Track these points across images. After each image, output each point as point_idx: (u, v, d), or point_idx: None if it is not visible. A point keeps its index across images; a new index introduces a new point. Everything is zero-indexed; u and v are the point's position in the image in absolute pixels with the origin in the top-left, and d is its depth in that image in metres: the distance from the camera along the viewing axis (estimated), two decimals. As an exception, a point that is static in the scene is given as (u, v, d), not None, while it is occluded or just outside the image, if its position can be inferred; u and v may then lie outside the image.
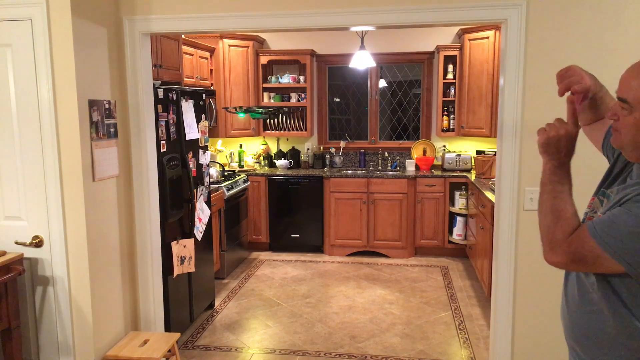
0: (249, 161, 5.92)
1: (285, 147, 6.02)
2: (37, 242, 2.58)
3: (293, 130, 5.83)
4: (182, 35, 4.21)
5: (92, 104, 2.59)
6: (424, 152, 5.73)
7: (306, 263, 5.27)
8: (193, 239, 3.52)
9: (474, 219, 4.72)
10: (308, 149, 5.94)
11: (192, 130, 3.56)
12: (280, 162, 5.77)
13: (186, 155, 3.47)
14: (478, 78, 5.13)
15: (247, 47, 5.54)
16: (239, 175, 5.30)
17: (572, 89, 1.38)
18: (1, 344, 2.46)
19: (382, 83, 5.92)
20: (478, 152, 5.41)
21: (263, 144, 5.98)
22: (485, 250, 3.98)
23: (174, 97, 3.33)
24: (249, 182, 5.43)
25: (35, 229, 2.59)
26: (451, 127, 5.57)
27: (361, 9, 2.63)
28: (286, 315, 3.96)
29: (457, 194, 5.28)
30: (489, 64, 5.00)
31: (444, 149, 5.73)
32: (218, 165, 5.31)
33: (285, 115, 5.80)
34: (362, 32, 5.22)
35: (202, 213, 3.75)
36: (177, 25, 2.81)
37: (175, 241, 3.32)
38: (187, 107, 3.49)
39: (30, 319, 2.67)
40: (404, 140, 5.95)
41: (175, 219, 3.35)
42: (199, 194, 3.69)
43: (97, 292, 2.68)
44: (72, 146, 2.50)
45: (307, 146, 5.96)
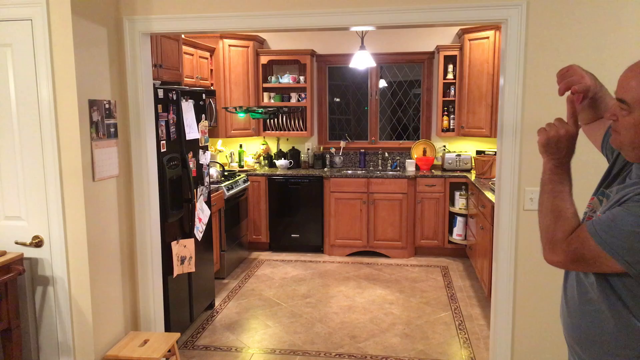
0: (249, 161, 5.92)
1: (285, 147, 6.02)
2: (37, 242, 2.58)
3: (293, 130, 5.83)
4: (182, 35, 4.21)
5: (92, 104, 2.59)
6: (424, 152, 5.73)
7: (306, 263, 5.27)
8: (193, 239, 3.52)
9: (474, 219, 4.72)
10: (308, 149, 5.94)
11: (192, 130, 3.57)
12: (280, 162, 5.77)
13: (186, 155, 3.47)
14: (478, 78, 5.13)
15: (247, 47, 5.54)
16: (239, 175, 5.30)
17: (572, 89, 1.38)
18: (1, 344, 2.46)
19: (382, 83, 5.91)
20: (478, 152, 5.41)
21: (263, 144, 5.98)
22: (485, 250, 3.98)
23: (174, 97, 3.33)
24: (249, 182, 5.43)
25: (35, 229, 2.59)
26: (451, 127, 5.57)
27: (361, 9, 2.62)
28: (286, 315, 3.96)
29: (457, 194, 5.28)
30: (489, 64, 5.00)
31: (444, 149, 5.73)
32: (218, 165, 5.31)
33: (285, 115, 5.80)
34: (362, 32, 5.22)
35: (202, 213, 3.75)
36: (177, 25, 2.81)
37: (175, 241, 3.32)
38: (187, 107, 3.49)
39: (30, 319, 2.67)
40: (404, 140, 5.95)
41: (175, 219, 3.35)
42: (199, 194, 3.69)
43: (97, 292, 2.68)
44: (72, 146, 2.50)
45: (307, 146, 5.96)
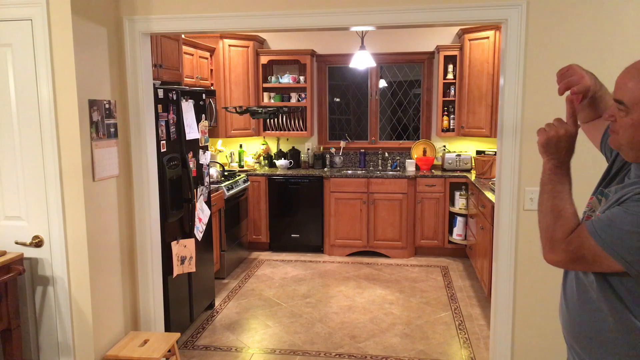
0: (249, 161, 5.92)
1: (285, 147, 6.02)
2: (37, 242, 2.58)
3: (293, 130, 5.83)
4: (182, 35, 4.21)
5: (92, 104, 2.59)
6: (424, 152, 5.73)
7: (306, 263, 5.27)
8: (193, 239, 3.52)
9: (474, 219, 4.72)
10: (308, 149, 5.94)
11: (192, 130, 3.57)
12: (280, 162, 5.77)
13: (186, 155, 3.47)
14: (478, 78, 5.13)
15: (247, 47, 5.54)
16: (239, 175, 5.30)
17: (571, 90, 1.38)
18: (1, 344, 2.46)
19: (382, 83, 5.91)
20: (478, 152, 5.41)
21: (263, 144, 5.98)
22: (485, 250, 3.98)
23: (174, 97, 3.34)
24: (249, 182, 5.43)
25: (35, 229, 2.59)
26: (451, 127, 5.57)
27: (361, 9, 2.62)
28: (286, 315, 3.96)
29: (457, 194, 5.28)
30: (489, 64, 5.00)
31: (444, 149, 5.73)
32: (218, 165, 5.31)
33: (285, 115, 5.80)
34: (362, 32, 5.22)
35: (202, 213, 3.75)
36: (177, 25, 2.81)
37: (176, 241, 3.32)
38: (187, 107, 3.49)
39: (30, 319, 2.67)
40: (404, 140, 5.95)
41: (175, 219, 3.35)
42: (199, 194, 3.69)
43: (97, 292, 2.68)
44: (72, 146, 2.50)
45: (307, 146, 5.96)
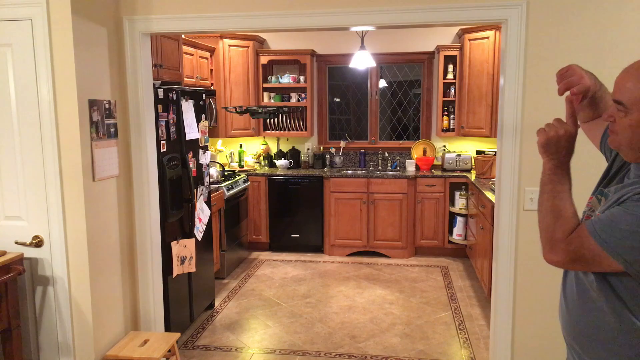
0: (249, 161, 5.92)
1: (285, 147, 6.02)
2: (37, 242, 2.58)
3: (293, 130, 5.83)
4: (182, 35, 4.21)
5: (92, 104, 2.59)
6: (424, 152, 5.73)
7: (306, 263, 5.27)
8: (193, 239, 3.52)
9: (474, 219, 4.72)
10: (308, 149, 5.94)
11: (192, 130, 3.57)
12: (280, 162, 5.77)
13: (186, 155, 3.47)
14: (478, 78, 5.13)
15: (247, 47, 5.54)
16: (239, 175, 5.30)
17: (571, 90, 1.38)
18: (1, 344, 2.46)
19: (382, 83, 5.91)
20: (478, 152, 5.41)
21: (263, 144, 5.98)
22: (485, 250, 3.98)
23: (174, 97, 3.34)
24: (249, 182, 5.43)
25: (35, 229, 2.59)
26: (451, 127, 5.57)
27: (361, 9, 2.63)
28: (286, 315, 3.96)
29: (457, 194, 5.28)
30: (489, 64, 5.00)
31: (444, 149, 5.73)
32: (218, 165, 5.31)
33: (285, 115, 5.80)
34: (362, 32, 5.22)
35: (202, 213, 3.75)
36: (177, 25, 2.82)
37: (176, 241, 3.33)
38: (187, 107, 3.49)
39: (30, 319, 2.67)
40: (404, 140, 5.95)
41: (175, 219, 3.35)
42: (199, 194, 3.69)
43: (97, 292, 2.68)
44: (72, 146, 2.50)
45: (307, 146, 5.96)
